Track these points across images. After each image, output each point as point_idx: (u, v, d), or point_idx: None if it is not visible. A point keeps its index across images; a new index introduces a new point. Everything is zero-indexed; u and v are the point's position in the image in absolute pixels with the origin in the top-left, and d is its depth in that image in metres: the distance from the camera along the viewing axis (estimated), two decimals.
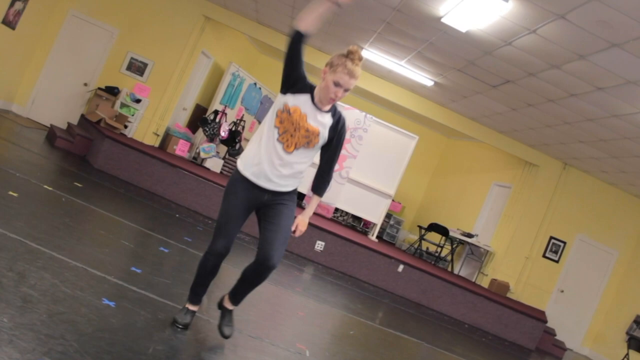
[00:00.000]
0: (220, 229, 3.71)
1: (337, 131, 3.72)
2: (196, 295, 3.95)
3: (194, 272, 3.89)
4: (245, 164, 3.70)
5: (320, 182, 3.89)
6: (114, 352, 3.10)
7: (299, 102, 3.59)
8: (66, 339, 2.99)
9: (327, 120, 3.67)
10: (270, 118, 3.66)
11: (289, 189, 3.77)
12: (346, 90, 3.56)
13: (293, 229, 3.78)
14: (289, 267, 8.13)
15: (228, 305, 4.01)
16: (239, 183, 3.70)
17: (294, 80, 3.59)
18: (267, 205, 3.75)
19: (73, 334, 3.09)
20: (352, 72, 3.52)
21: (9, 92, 11.48)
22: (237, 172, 3.74)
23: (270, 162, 3.62)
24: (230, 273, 6.19)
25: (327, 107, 3.65)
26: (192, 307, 3.96)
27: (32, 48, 11.47)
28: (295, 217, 3.82)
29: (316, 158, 3.85)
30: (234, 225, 3.73)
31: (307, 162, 3.75)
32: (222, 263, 3.80)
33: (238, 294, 3.95)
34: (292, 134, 3.59)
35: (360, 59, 3.57)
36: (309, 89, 3.63)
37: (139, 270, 4.81)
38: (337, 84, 3.52)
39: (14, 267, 3.69)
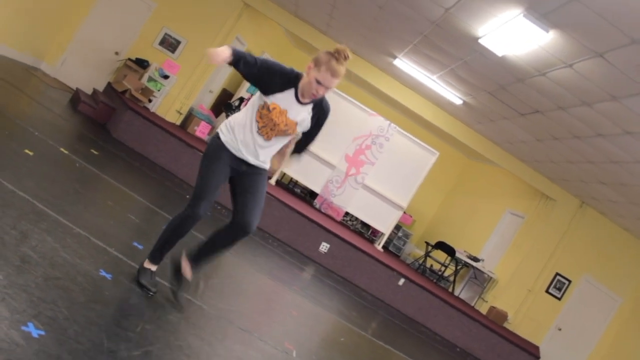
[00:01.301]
0: (203, 191, 3.73)
1: (317, 121, 3.86)
2: (162, 255, 3.93)
3: (163, 231, 3.88)
4: (230, 137, 3.78)
5: (300, 148, 4.08)
6: (102, 325, 3.09)
7: (279, 98, 3.67)
8: (57, 305, 2.98)
9: (307, 112, 3.77)
10: (252, 108, 3.76)
11: (264, 166, 3.90)
12: (327, 88, 3.60)
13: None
14: (290, 265, 8.11)
15: (187, 272, 3.94)
16: (223, 151, 3.77)
17: (263, 82, 3.66)
18: (244, 175, 3.85)
19: (65, 301, 3.08)
20: (335, 72, 3.55)
21: (41, 50, 11.54)
22: (221, 141, 3.79)
23: (251, 144, 3.76)
24: (230, 262, 6.18)
25: (308, 100, 3.73)
26: (153, 268, 3.94)
27: (69, 9, 11.51)
28: (266, 190, 4.01)
29: None
30: (216, 191, 3.79)
31: (277, 149, 3.91)
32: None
33: (203, 258, 3.99)
34: (271, 127, 3.71)
35: (346, 58, 3.59)
36: (292, 82, 3.68)
37: (140, 246, 4.80)
38: (319, 82, 3.56)
39: (18, 225, 3.69)
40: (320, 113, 3.82)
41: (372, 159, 11.93)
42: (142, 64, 11.63)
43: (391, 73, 12.17)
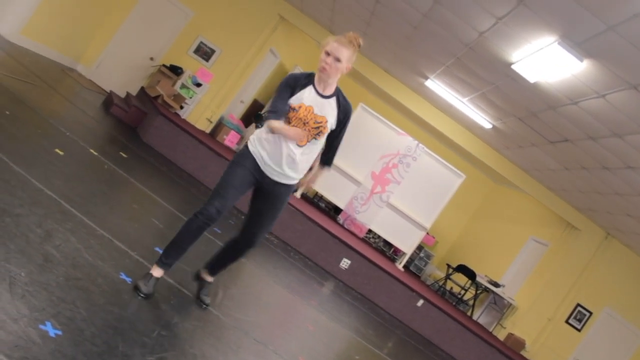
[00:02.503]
0: (219, 191, 3.74)
1: (343, 122, 3.90)
2: (169, 258, 3.84)
3: (176, 232, 3.87)
4: (257, 149, 3.84)
5: (329, 158, 4.11)
6: (119, 328, 3.12)
7: (301, 97, 3.75)
8: (76, 306, 3.02)
9: (333, 106, 3.82)
10: None
11: (291, 182, 3.93)
12: (337, 59, 3.68)
13: (300, 184, 4.01)
14: (310, 279, 8.11)
15: (207, 277, 4.27)
16: (248, 159, 3.83)
17: (294, 92, 3.78)
18: (265, 189, 3.91)
19: (84, 302, 3.12)
20: (339, 40, 3.71)
21: (78, 52, 11.74)
22: (248, 150, 3.87)
23: (282, 156, 3.78)
24: (249, 273, 6.20)
25: (329, 92, 3.81)
26: (157, 274, 3.81)
27: (108, 13, 11.72)
28: (284, 208, 4.04)
29: None
30: (234, 193, 3.77)
31: (314, 155, 3.93)
32: (205, 231, 3.83)
33: (217, 267, 4.22)
34: (302, 128, 3.74)
35: (346, 36, 3.75)
36: (309, 81, 3.80)
37: (162, 252, 4.83)
38: (327, 54, 3.69)
39: (44, 224, 3.75)
40: (344, 107, 3.87)
41: (398, 178, 11.92)
42: (176, 70, 11.77)
43: (422, 93, 12.17)
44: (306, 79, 3.79)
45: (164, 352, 3.22)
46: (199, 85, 11.90)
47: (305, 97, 3.75)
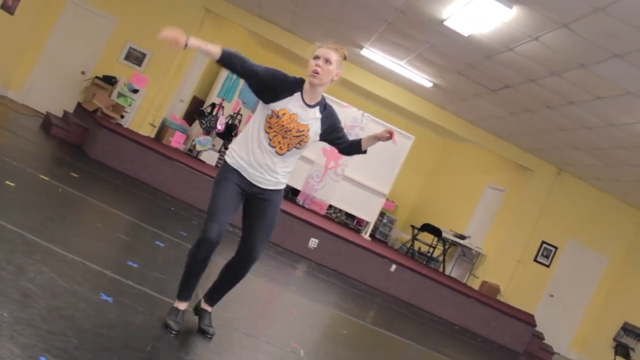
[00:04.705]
0: (213, 215, 3.61)
1: (333, 117, 3.80)
2: (187, 290, 3.77)
3: (183, 267, 3.74)
4: (236, 160, 3.69)
5: (354, 149, 4.07)
6: (112, 349, 3.10)
7: (287, 103, 3.61)
8: (66, 335, 2.99)
9: (316, 116, 3.70)
10: (259, 121, 3.66)
11: (279, 187, 3.83)
12: (327, 60, 3.58)
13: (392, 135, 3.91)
14: (282, 264, 8.15)
15: (207, 307, 3.98)
16: (232, 173, 3.68)
17: (269, 90, 3.61)
18: (255, 199, 3.76)
19: (72, 330, 3.08)
20: (325, 45, 3.62)
21: (6, 78, 11.41)
22: (228, 164, 3.72)
23: (260, 165, 3.66)
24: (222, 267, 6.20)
25: (314, 101, 3.67)
26: (182, 307, 3.76)
27: (30, 34, 11.40)
28: (278, 213, 3.90)
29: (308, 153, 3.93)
30: (227, 213, 3.65)
31: (295, 162, 3.86)
32: (212, 255, 3.67)
33: (215, 293, 3.97)
34: (283, 135, 3.62)
35: (329, 44, 3.66)
36: (296, 86, 3.65)
37: (135, 265, 4.81)
38: (316, 57, 3.58)
39: (13, 260, 3.67)
40: (327, 114, 3.76)
41: None
42: (110, 80, 11.56)
43: (359, 63, 12.22)
44: (295, 86, 3.65)
45: None
46: (135, 91, 11.71)
47: (291, 105, 3.61)
